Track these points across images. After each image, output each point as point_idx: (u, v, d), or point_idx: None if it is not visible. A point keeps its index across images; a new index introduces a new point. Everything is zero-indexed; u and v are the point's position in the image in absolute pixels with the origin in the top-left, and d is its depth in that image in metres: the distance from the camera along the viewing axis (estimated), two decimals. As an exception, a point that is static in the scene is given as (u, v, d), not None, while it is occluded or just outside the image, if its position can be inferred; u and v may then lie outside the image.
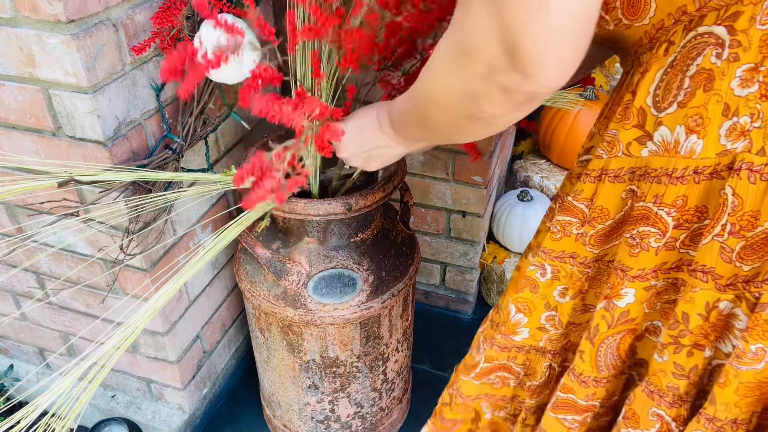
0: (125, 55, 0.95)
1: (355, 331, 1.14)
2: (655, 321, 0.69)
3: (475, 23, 0.47)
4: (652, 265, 0.63)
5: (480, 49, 0.48)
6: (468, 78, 0.51)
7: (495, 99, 0.51)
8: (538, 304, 0.78)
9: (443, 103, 0.59)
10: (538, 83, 0.47)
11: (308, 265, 1.10)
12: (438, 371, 1.62)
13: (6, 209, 1.14)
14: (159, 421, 1.39)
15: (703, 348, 0.63)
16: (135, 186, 0.99)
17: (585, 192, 0.67)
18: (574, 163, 2.02)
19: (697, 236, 0.60)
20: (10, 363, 1.48)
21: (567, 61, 0.46)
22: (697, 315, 0.61)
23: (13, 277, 1.26)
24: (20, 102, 0.95)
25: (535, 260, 0.75)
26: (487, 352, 0.83)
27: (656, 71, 0.58)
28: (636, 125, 0.60)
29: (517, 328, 0.81)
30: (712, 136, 0.55)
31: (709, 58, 0.53)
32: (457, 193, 1.55)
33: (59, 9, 0.82)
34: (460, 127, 0.61)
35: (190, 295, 1.29)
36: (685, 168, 0.57)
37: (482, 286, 1.82)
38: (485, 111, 0.54)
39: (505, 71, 0.47)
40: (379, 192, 1.05)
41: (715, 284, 0.59)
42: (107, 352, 0.82)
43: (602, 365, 0.72)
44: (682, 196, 0.58)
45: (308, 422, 1.31)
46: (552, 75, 0.47)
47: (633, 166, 0.62)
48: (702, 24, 0.53)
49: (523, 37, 0.44)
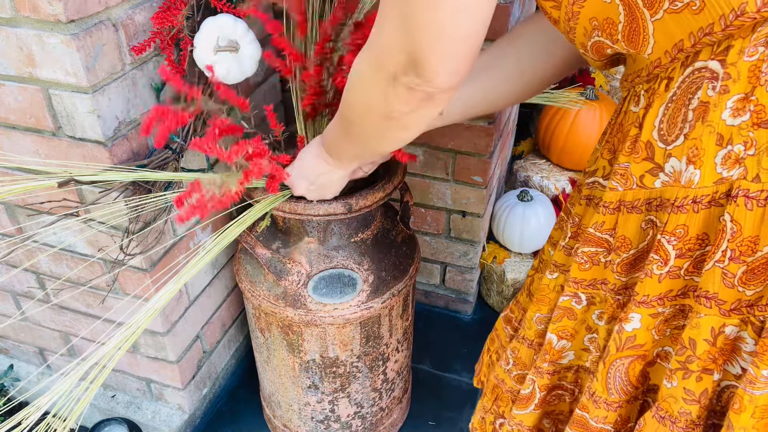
0: (125, 55, 0.95)
1: (355, 331, 1.14)
2: (666, 347, 0.70)
3: (387, 40, 0.60)
4: (656, 292, 0.65)
5: (391, 59, 0.60)
6: (380, 81, 0.63)
7: (401, 96, 0.63)
8: (579, 329, 0.79)
9: (362, 106, 0.70)
10: (434, 85, 0.60)
11: (308, 265, 1.10)
12: (438, 371, 1.62)
13: (6, 209, 1.14)
14: (159, 421, 1.39)
15: (712, 372, 0.63)
16: (135, 186, 0.99)
17: (606, 224, 0.69)
18: (573, 163, 2.01)
19: (700, 263, 0.62)
20: (10, 363, 1.48)
21: (457, 72, 0.59)
22: (703, 341, 0.62)
23: (13, 277, 1.26)
24: (20, 102, 0.95)
25: (568, 290, 0.77)
26: (539, 381, 0.84)
27: (659, 106, 0.60)
28: (646, 158, 0.62)
29: (563, 353, 0.82)
30: (708, 165, 0.57)
31: (706, 92, 0.56)
32: (457, 193, 1.55)
33: (59, 9, 0.82)
34: (379, 131, 0.72)
35: (190, 295, 1.29)
36: (685, 197, 0.59)
37: (482, 286, 1.82)
38: (395, 108, 0.65)
39: (409, 75, 0.60)
40: (379, 192, 1.05)
41: (719, 309, 0.60)
42: (108, 353, 0.82)
43: (612, 388, 0.73)
44: (683, 225, 0.60)
45: (308, 422, 1.31)
46: (446, 81, 0.60)
47: (648, 197, 0.64)
48: (698, 60, 0.56)
49: (425, 54, 0.57)
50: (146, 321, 0.88)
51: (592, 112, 1.75)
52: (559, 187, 1.82)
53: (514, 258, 1.74)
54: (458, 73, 0.60)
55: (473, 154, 1.47)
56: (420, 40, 0.56)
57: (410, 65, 0.58)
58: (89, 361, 0.81)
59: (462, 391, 1.57)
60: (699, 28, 0.53)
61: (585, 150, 1.78)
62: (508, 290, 1.74)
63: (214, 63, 0.99)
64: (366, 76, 0.66)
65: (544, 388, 0.84)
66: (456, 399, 1.54)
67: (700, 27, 0.53)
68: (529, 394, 0.86)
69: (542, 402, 0.86)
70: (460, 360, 1.65)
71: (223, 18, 0.98)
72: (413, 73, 0.59)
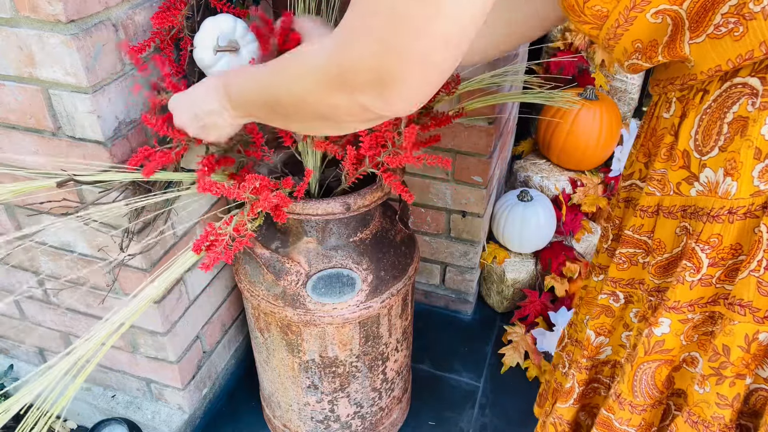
0: (125, 55, 0.95)
1: (355, 331, 1.14)
2: (692, 352, 0.71)
3: (357, 56, 0.54)
4: (687, 299, 0.66)
5: (356, 76, 0.55)
6: (331, 89, 0.58)
7: (351, 110, 0.59)
8: (617, 326, 0.81)
9: (296, 97, 0.64)
10: (393, 111, 0.57)
11: (307, 265, 1.10)
12: (438, 371, 1.62)
13: (6, 209, 1.14)
14: (159, 421, 1.39)
15: (744, 377, 0.65)
16: (135, 186, 0.99)
17: (645, 226, 0.71)
18: (573, 163, 2.01)
19: (732, 272, 0.63)
20: (10, 363, 1.48)
21: (422, 101, 0.56)
22: (737, 347, 0.63)
23: (13, 277, 1.27)
24: (20, 102, 0.95)
25: (606, 288, 0.79)
26: (578, 377, 0.86)
27: (694, 117, 0.62)
28: (682, 166, 0.64)
29: (601, 349, 0.84)
30: (745, 178, 0.58)
31: (746, 107, 0.57)
32: (457, 193, 1.55)
33: (59, 9, 0.82)
34: (307, 122, 0.68)
35: (190, 295, 1.29)
36: (721, 207, 0.60)
37: (482, 286, 1.82)
38: (338, 115, 0.61)
39: (369, 96, 0.55)
40: (377, 191, 1.06)
41: (753, 317, 0.61)
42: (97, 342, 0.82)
43: (638, 391, 0.74)
44: (717, 234, 0.61)
45: (308, 422, 1.31)
46: (406, 108, 0.56)
47: (684, 204, 0.66)
48: (737, 75, 0.57)
49: (397, 81, 0.53)
50: (135, 314, 0.88)
51: (592, 113, 1.75)
52: (559, 187, 1.82)
53: (514, 258, 1.74)
54: (421, 103, 0.57)
55: (473, 154, 1.47)
56: (397, 67, 0.52)
57: (376, 87, 0.54)
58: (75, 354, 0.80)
59: (462, 391, 1.57)
60: (738, 55, 0.55)
61: (585, 150, 1.78)
62: (507, 290, 1.74)
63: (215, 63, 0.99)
64: (314, 77, 0.60)
65: (582, 382, 0.86)
66: (456, 399, 1.54)
67: (738, 54, 0.55)
68: (569, 388, 0.88)
69: (580, 396, 0.88)
70: (460, 360, 1.65)
71: (223, 18, 0.98)
72: (375, 95, 0.55)
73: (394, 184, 1.00)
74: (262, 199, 0.92)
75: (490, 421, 1.49)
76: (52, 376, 0.78)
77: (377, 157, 0.98)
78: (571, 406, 0.88)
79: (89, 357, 0.81)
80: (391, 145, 0.96)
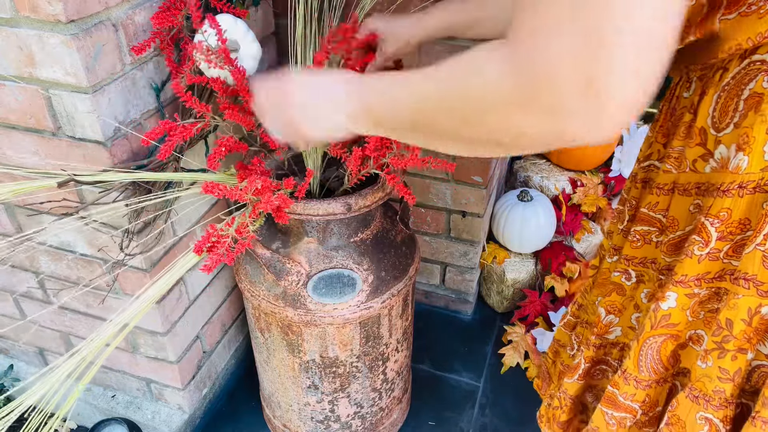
0: (125, 55, 0.95)
1: (355, 331, 1.14)
2: (698, 330, 0.72)
3: (556, 54, 0.40)
4: (694, 273, 0.67)
5: (555, 87, 0.40)
6: (521, 114, 0.43)
7: (540, 140, 0.44)
8: (627, 305, 0.82)
9: (465, 127, 0.50)
10: (599, 135, 0.40)
11: (308, 265, 1.10)
12: (438, 371, 1.62)
13: (6, 209, 1.14)
14: (159, 421, 1.39)
15: (746, 351, 0.66)
16: (135, 186, 0.99)
17: (660, 204, 0.72)
18: (573, 163, 2.01)
19: (740, 247, 0.64)
20: (10, 363, 1.48)
21: (629, 123, 0.42)
22: (740, 320, 0.64)
23: (13, 277, 1.26)
24: (20, 102, 0.95)
25: (619, 266, 0.80)
26: (585, 353, 0.87)
27: (713, 95, 0.63)
28: (699, 143, 0.65)
29: (610, 328, 0.85)
30: (756, 153, 0.59)
31: (762, 83, 0.58)
32: (457, 193, 1.55)
33: (59, 9, 0.82)
34: (465, 146, 0.53)
35: (190, 295, 1.29)
36: (732, 182, 0.61)
37: (482, 286, 1.82)
38: (519, 145, 0.47)
39: (573, 111, 0.40)
40: (379, 192, 1.05)
41: (757, 290, 0.62)
42: (99, 343, 0.82)
43: (643, 366, 0.75)
44: (727, 208, 0.62)
45: (308, 422, 1.31)
46: (615, 129, 0.40)
47: (699, 181, 0.67)
48: (756, 53, 0.58)
49: (615, 86, 0.39)
50: (138, 316, 0.88)
51: (592, 112, 1.75)
52: (559, 187, 1.82)
53: (514, 258, 1.74)
54: (629, 124, 0.42)
55: (473, 154, 1.47)
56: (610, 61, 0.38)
57: (582, 96, 0.40)
58: (78, 356, 0.81)
59: (462, 391, 1.57)
60: (758, 33, 0.55)
61: (585, 150, 1.78)
62: (507, 290, 1.74)
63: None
64: (498, 95, 0.45)
65: (588, 359, 0.87)
66: (456, 399, 1.54)
67: (759, 32, 0.55)
68: (576, 364, 0.89)
69: (585, 373, 0.88)
70: (460, 360, 1.65)
71: (223, 18, 0.98)
72: (582, 111, 0.40)
73: (397, 186, 1.00)
74: (263, 201, 0.92)
75: (490, 421, 1.49)
76: (56, 378, 0.78)
77: (382, 159, 0.98)
78: (576, 382, 0.89)
79: (92, 359, 0.81)
80: (396, 146, 0.96)
